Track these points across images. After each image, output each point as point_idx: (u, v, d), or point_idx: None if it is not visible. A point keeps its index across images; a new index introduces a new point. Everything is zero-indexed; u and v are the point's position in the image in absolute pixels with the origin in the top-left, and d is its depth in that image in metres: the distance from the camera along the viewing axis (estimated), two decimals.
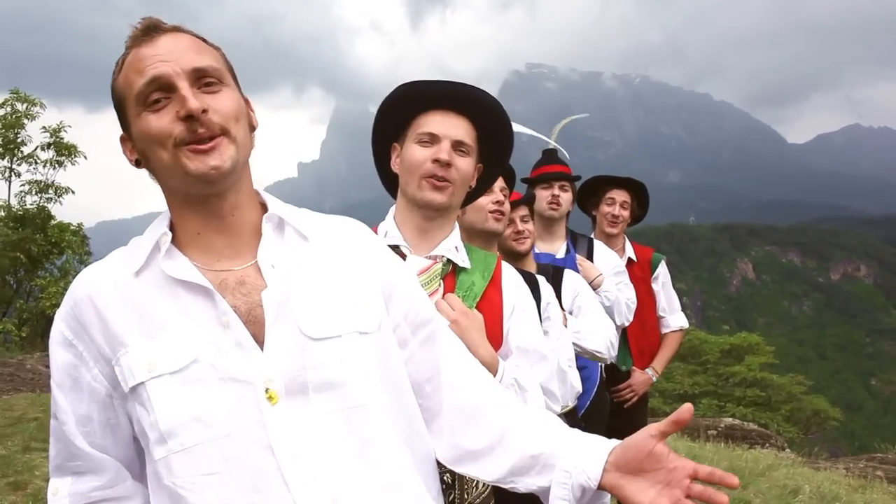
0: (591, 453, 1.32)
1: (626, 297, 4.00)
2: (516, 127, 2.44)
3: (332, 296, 1.37)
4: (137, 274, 1.33)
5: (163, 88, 1.28)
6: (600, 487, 1.30)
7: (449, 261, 2.08)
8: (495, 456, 1.43)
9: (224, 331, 1.28)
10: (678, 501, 1.21)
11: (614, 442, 1.32)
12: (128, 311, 1.31)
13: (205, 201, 1.34)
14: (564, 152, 4.15)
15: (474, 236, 2.65)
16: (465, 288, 2.07)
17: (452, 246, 2.09)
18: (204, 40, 1.38)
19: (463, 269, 2.10)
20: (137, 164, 1.37)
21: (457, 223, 2.17)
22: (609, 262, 4.03)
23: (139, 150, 1.35)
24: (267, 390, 1.26)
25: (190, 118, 1.26)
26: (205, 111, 1.27)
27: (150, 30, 1.32)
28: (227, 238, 1.37)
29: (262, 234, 1.39)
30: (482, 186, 2.24)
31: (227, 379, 1.26)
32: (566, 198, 3.90)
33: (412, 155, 2.02)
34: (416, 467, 1.40)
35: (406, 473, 1.36)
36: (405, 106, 2.07)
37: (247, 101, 1.43)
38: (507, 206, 2.73)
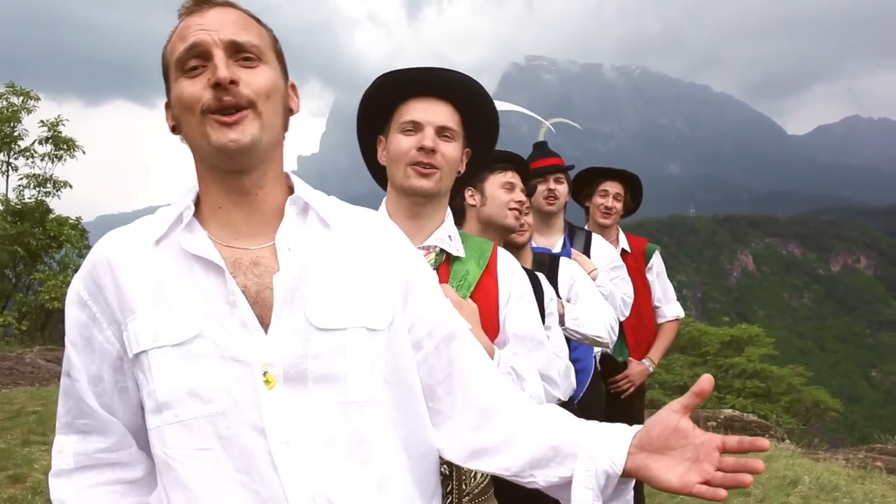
0: (615, 439, 1.30)
1: (622, 291, 4.00)
2: (503, 105, 2.42)
3: (344, 287, 1.35)
4: (157, 243, 1.35)
5: (200, 56, 1.31)
6: (626, 473, 1.27)
7: (442, 251, 2.07)
8: (513, 450, 1.40)
9: (231, 310, 1.28)
10: (709, 476, 1.19)
11: (637, 427, 1.30)
12: (142, 278, 1.32)
13: (227, 175, 1.35)
14: (550, 127, 4.12)
15: (490, 229, 2.65)
16: (459, 277, 2.06)
17: (446, 235, 2.08)
18: (255, 19, 1.40)
19: (457, 258, 2.08)
20: (173, 130, 1.39)
21: (449, 211, 2.16)
22: (607, 255, 4.02)
23: (174, 115, 1.37)
24: (265, 373, 1.26)
25: (218, 86, 1.28)
26: (233, 82, 1.28)
27: (201, 2, 1.36)
28: (248, 215, 1.38)
29: (284, 216, 1.39)
30: (473, 170, 2.22)
31: (227, 357, 1.26)
32: (562, 190, 3.89)
33: (397, 145, 2.01)
34: (409, 469, 1.39)
35: (397, 474, 1.35)
36: (386, 97, 2.06)
37: (292, 87, 1.46)
38: (526, 205, 2.74)
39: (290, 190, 1.44)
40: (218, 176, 1.36)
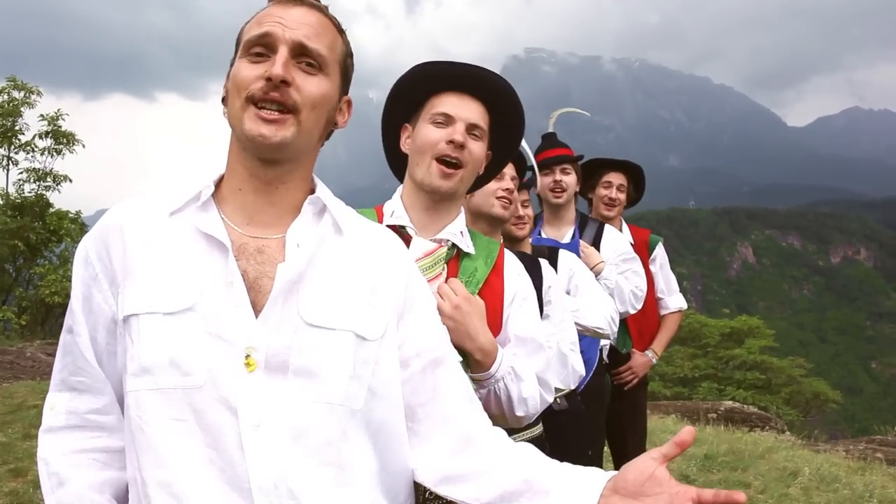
0: (589, 480, 1.30)
1: (633, 284, 3.95)
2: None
3: (343, 291, 1.37)
4: (171, 216, 1.38)
5: (266, 45, 1.35)
6: None
7: (453, 245, 2.05)
8: (486, 480, 1.40)
9: (227, 290, 1.30)
10: None
11: (611, 473, 1.30)
12: (149, 246, 1.35)
13: (253, 161, 1.38)
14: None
15: (479, 220, 2.63)
16: (468, 273, 2.05)
17: (458, 230, 2.06)
18: (339, 29, 1.45)
19: (466, 254, 2.08)
20: (223, 101, 1.42)
21: (463, 208, 2.15)
22: (617, 248, 3.98)
23: (227, 88, 1.40)
24: (247, 356, 1.27)
25: (269, 81, 1.32)
26: (285, 82, 1.32)
27: None
28: (264, 205, 1.40)
29: (301, 214, 1.41)
30: (490, 173, 2.22)
31: (213, 335, 1.28)
32: (569, 181, 3.86)
33: (426, 135, 1.99)
34: (379, 479, 1.38)
35: (363, 482, 1.35)
36: (420, 86, 2.04)
37: (347, 102, 1.50)
38: (516, 195, 2.72)
39: (313, 193, 1.46)
40: (245, 157, 1.39)
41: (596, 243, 3.92)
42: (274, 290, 1.30)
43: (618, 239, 4.05)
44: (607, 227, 4.07)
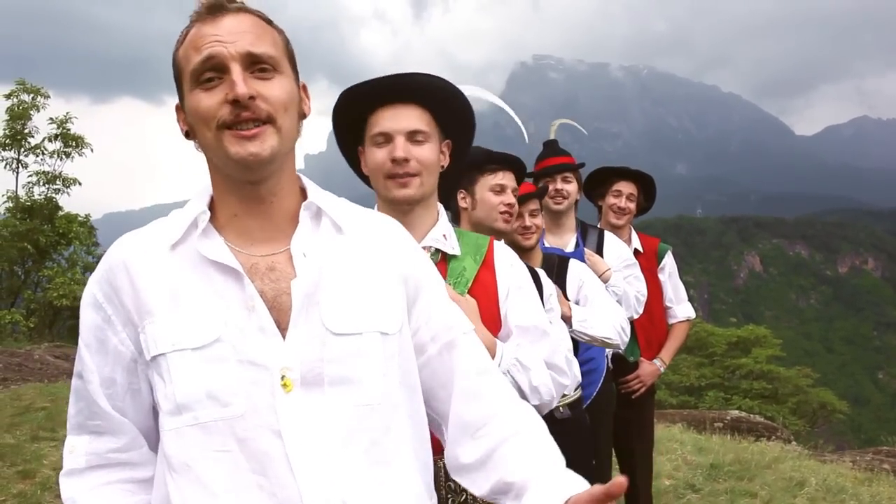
0: (556, 491, 1.27)
1: (635, 289, 3.97)
2: (471, 90, 2.41)
3: (358, 292, 1.38)
4: (173, 248, 1.36)
5: (216, 69, 1.31)
6: None
7: (437, 250, 2.09)
8: (482, 473, 1.43)
9: (249, 314, 1.30)
10: None
11: (582, 485, 1.26)
12: (159, 282, 1.33)
13: (244, 184, 1.36)
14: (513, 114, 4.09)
15: (484, 233, 2.65)
16: (456, 275, 2.08)
17: (440, 234, 2.10)
18: (269, 22, 1.39)
19: (453, 256, 2.10)
20: (187, 135, 1.40)
21: (442, 209, 2.17)
22: (620, 254, 4.00)
23: (189, 123, 1.38)
24: (283, 377, 1.27)
25: (236, 103, 1.28)
26: (252, 97, 1.29)
27: (215, 8, 1.34)
28: (263, 223, 1.39)
29: (299, 223, 1.40)
30: (459, 159, 2.21)
31: (245, 361, 1.28)
32: (570, 189, 3.88)
33: (372, 158, 2.04)
34: (417, 469, 1.41)
35: (409, 475, 1.37)
36: (354, 112, 2.07)
37: (303, 88, 1.45)
38: (516, 208, 2.74)
39: (303, 193, 1.46)
40: (233, 185, 1.37)
41: (598, 251, 3.93)
42: (294, 307, 1.30)
43: (619, 246, 4.07)
44: (608, 234, 4.09)
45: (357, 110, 2.06)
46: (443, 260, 2.09)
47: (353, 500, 1.27)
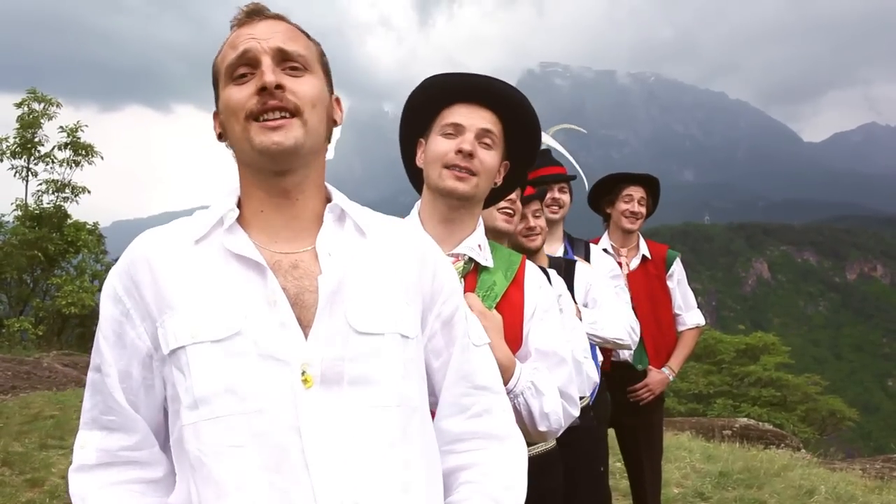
0: None
1: (623, 300, 3.98)
2: (546, 139, 2.40)
3: (381, 294, 1.39)
4: (197, 242, 1.37)
5: (249, 63, 1.37)
6: None
7: (471, 259, 2.06)
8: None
9: (271, 309, 1.30)
10: None
11: None
12: (181, 276, 1.34)
13: (270, 177, 1.39)
14: (566, 153, 4.11)
15: (486, 233, 2.65)
16: (485, 287, 2.04)
17: (476, 244, 2.07)
18: (304, 33, 1.46)
19: (485, 268, 2.07)
20: (220, 137, 1.45)
21: (481, 221, 2.14)
22: (606, 266, 4.00)
23: (222, 122, 1.43)
24: (303, 373, 1.27)
25: (264, 90, 1.33)
26: (279, 86, 1.34)
27: (253, 14, 1.43)
28: (288, 220, 1.41)
29: (324, 223, 1.42)
30: (510, 185, 2.21)
31: (266, 356, 1.27)
32: (566, 199, 3.89)
33: (436, 146, 2.01)
34: (426, 474, 1.40)
35: (420, 478, 1.36)
36: (431, 100, 2.05)
37: (337, 100, 1.51)
38: (518, 206, 2.72)
39: (328, 199, 1.48)
40: (260, 179, 1.40)
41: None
42: (320, 303, 1.31)
43: (605, 258, 4.06)
44: (593, 248, 4.08)
45: (435, 99, 2.04)
46: (474, 270, 2.07)
47: (365, 501, 1.26)
